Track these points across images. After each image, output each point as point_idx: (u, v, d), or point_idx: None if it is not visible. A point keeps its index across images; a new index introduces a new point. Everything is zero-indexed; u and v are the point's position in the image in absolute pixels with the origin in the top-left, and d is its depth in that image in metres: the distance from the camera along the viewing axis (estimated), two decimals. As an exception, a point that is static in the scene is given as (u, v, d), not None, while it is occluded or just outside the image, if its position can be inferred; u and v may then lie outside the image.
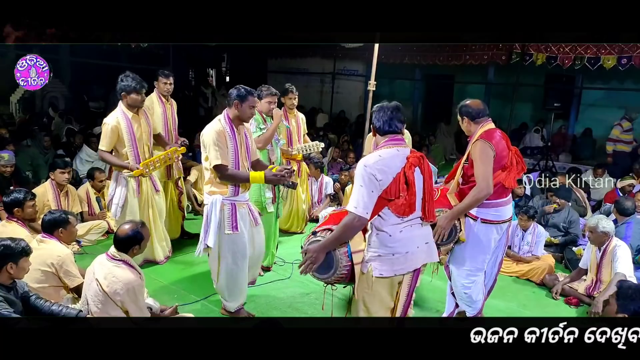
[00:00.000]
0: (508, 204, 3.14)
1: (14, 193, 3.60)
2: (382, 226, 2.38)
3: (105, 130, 3.90)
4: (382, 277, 2.39)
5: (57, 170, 4.66)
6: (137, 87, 3.90)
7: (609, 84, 9.39)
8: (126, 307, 2.75)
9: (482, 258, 3.16)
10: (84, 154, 6.73)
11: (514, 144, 3.23)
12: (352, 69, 12.68)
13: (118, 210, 4.01)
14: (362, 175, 2.32)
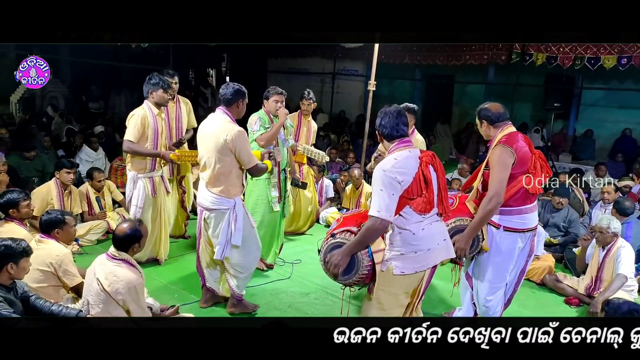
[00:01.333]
0: (533, 211, 3.02)
1: (7, 194, 3.56)
2: (405, 225, 2.42)
3: (134, 121, 3.93)
4: (403, 274, 2.43)
5: (64, 170, 4.67)
6: (164, 85, 4.03)
7: (609, 84, 9.40)
8: (127, 306, 2.75)
9: (505, 268, 3.06)
10: (84, 154, 6.73)
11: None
12: (352, 69, 12.69)
13: (138, 211, 4.06)
14: (381, 179, 2.36)
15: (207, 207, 3.27)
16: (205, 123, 3.27)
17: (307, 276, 4.26)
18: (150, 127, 3.99)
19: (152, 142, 4.03)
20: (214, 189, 3.20)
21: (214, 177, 3.18)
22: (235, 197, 3.25)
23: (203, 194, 3.28)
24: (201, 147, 3.26)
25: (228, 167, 3.17)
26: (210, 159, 3.17)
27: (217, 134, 3.11)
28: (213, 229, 3.29)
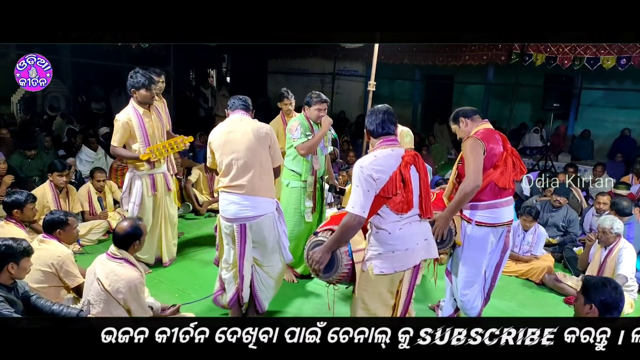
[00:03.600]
0: (505, 206, 3.05)
1: (15, 194, 3.59)
2: (382, 224, 2.43)
3: (117, 126, 3.92)
4: (383, 274, 2.43)
5: (55, 173, 4.67)
6: (146, 83, 3.91)
7: (608, 84, 9.41)
8: (128, 306, 2.76)
9: (478, 263, 3.11)
10: (84, 154, 6.75)
11: (513, 144, 3.23)
12: (352, 70, 12.69)
13: (135, 209, 4.02)
14: (358, 176, 2.39)
15: (251, 217, 3.02)
16: (229, 126, 3.11)
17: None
18: (137, 128, 3.91)
19: (143, 142, 3.95)
20: (259, 192, 3.01)
21: (258, 178, 2.99)
22: (275, 197, 3.16)
23: (241, 205, 3.01)
24: (230, 150, 3.02)
25: (268, 164, 3.07)
26: (250, 159, 2.98)
27: (256, 128, 3.05)
28: (262, 237, 3.09)
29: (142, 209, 4.04)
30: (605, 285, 2.23)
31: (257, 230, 3.08)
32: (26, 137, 7.09)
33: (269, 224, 3.10)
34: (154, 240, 4.21)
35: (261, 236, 3.10)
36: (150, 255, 4.22)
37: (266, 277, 3.26)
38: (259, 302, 3.29)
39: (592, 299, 2.21)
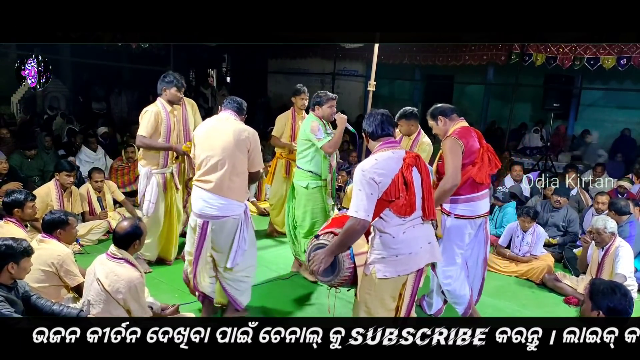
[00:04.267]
0: (482, 199, 3.22)
1: (14, 193, 3.60)
2: (385, 228, 2.41)
3: (147, 117, 3.96)
4: (386, 278, 2.41)
5: (63, 173, 4.67)
6: (178, 83, 4.05)
7: (608, 84, 9.41)
8: (128, 306, 2.76)
9: (455, 252, 3.24)
10: (83, 154, 6.74)
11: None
12: (352, 70, 12.70)
13: (151, 207, 4.06)
14: (360, 180, 2.36)
15: (215, 216, 3.03)
16: (214, 122, 3.15)
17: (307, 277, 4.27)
18: (164, 123, 4.01)
19: (165, 138, 4.04)
20: (227, 192, 3.01)
21: (228, 179, 2.99)
22: (245, 201, 3.16)
23: (207, 202, 3.03)
24: (208, 147, 3.04)
25: (243, 167, 3.06)
26: (224, 158, 2.99)
27: (237, 130, 3.03)
28: (223, 238, 3.09)
29: (157, 208, 4.08)
30: (614, 292, 2.16)
31: (217, 230, 3.07)
32: (26, 137, 7.09)
33: (231, 226, 3.07)
34: (162, 238, 4.24)
35: (220, 237, 3.09)
36: (152, 253, 4.24)
37: (231, 276, 3.21)
38: (232, 299, 3.26)
39: (599, 305, 2.16)
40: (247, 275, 3.29)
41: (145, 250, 4.16)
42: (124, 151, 6.29)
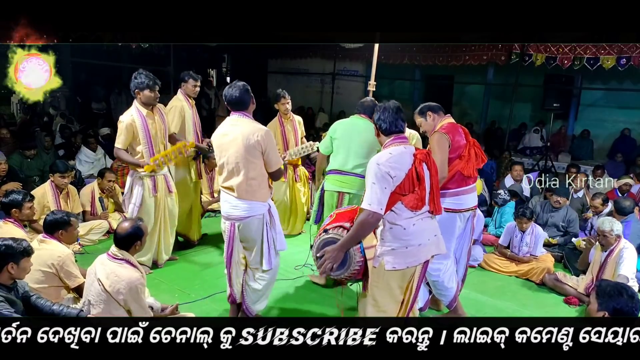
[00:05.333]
0: (469, 193, 3.30)
1: (12, 194, 3.59)
2: (396, 220, 2.44)
3: (121, 128, 3.89)
4: (395, 270, 2.45)
5: (57, 174, 4.66)
6: (150, 84, 3.89)
7: (608, 84, 9.41)
8: (129, 306, 2.75)
9: (446, 244, 3.19)
10: (83, 154, 6.74)
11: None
12: (352, 70, 12.70)
13: (135, 210, 4.00)
14: (374, 173, 2.38)
15: (239, 217, 3.03)
16: (225, 129, 3.07)
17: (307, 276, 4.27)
18: (140, 130, 3.89)
19: (146, 144, 3.93)
20: (246, 195, 3.00)
21: (246, 183, 2.98)
22: (268, 200, 3.12)
23: (231, 204, 3.04)
24: (225, 153, 3.02)
25: (260, 171, 3.01)
26: (239, 164, 2.96)
27: (247, 135, 2.94)
28: (250, 238, 3.09)
29: (142, 211, 4.02)
30: (621, 294, 2.15)
31: (244, 229, 3.07)
32: (26, 137, 7.09)
33: (257, 224, 3.06)
34: (154, 241, 4.19)
35: (248, 236, 3.09)
36: (149, 258, 4.20)
37: (253, 281, 3.22)
38: (245, 304, 3.27)
39: (606, 306, 2.16)
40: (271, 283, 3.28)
41: (140, 255, 4.07)
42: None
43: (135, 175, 4.03)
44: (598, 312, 2.19)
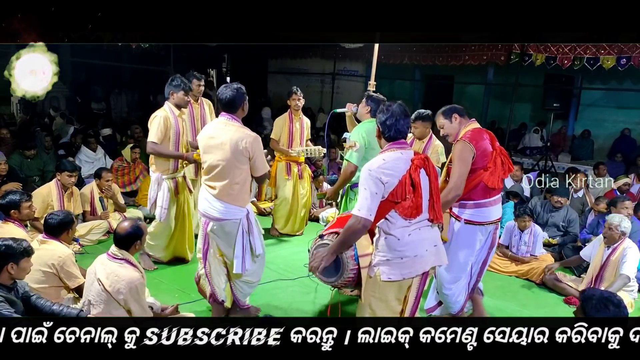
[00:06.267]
0: (494, 205, 3.09)
1: (9, 195, 3.57)
2: (390, 230, 2.37)
3: (157, 123, 3.92)
4: (390, 281, 2.38)
5: (65, 173, 4.66)
6: (185, 87, 4.05)
7: (608, 84, 9.41)
8: (129, 306, 2.75)
9: (465, 260, 3.12)
10: (83, 154, 6.74)
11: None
12: (352, 70, 12.70)
13: (163, 213, 4.04)
14: (366, 179, 2.32)
15: (215, 218, 3.04)
16: (212, 131, 3.06)
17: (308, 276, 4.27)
18: (172, 129, 3.98)
19: (175, 143, 4.02)
20: (226, 198, 3.00)
21: (229, 187, 2.99)
22: (247, 205, 3.12)
23: (211, 204, 3.04)
24: (211, 155, 3.02)
25: (244, 176, 3.01)
26: (224, 167, 2.97)
27: (235, 141, 2.93)
28: (224, 241, 3.10)
29: (170, 213, 4.09)
30: (607, 307, 2.15)
31: (217, 230, 3.08)
32: (26, 137, 7.08)
33: (230, 227, 3.05)
34: (174, 239, 4.26)
35: (221, 237, 3.10)
36: (163, 254, 4.27)
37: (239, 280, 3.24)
38: (234, 296, 3.31)
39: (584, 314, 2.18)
40: (254, 281, 3.31)
41: (156, 252, 4.21)
42: (131, 151, 6.27)
43: (160, 178, 4.06)
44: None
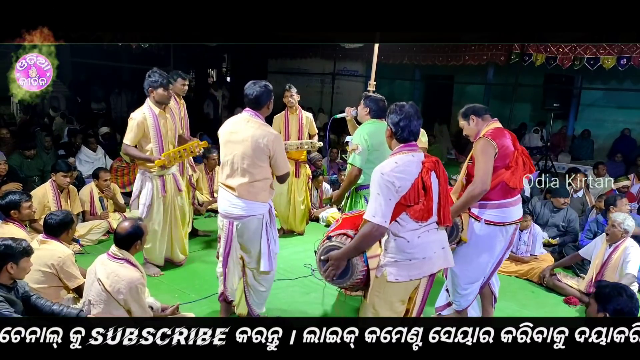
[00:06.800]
0: (514, 205, 3.03)
1: (9, 195, 3.58)
2: (400, 232, 2.36)
3: (131, 125, 3.88)
4: (397, 282, 2.38)
5: (60, 174, 4.66)
6: (164, 82, 3.91)
7: (608, 84, 9.42)
8: (129, 306, 2.75)
9: (485, 262, 3.08)
10: (83, 154, 6.74)
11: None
12: (352, 70, 12.71)
13: (145, 210, 3.99)
14: (378, 183, 2.30)
15: (238, 216, 3.00)
16: (233, 126, 3.04)
17: (308, 276, 4.27)
18: (151, 129, 3.89)
19: (156, 143, 3.92)
20: (247, 195, 2.97)
21: (249, 184, 2.95)
22: (269, 201, 3.09)
23: (231, 202, 3.01)
24: (231, 151, 2.99)
25: (265, 174, 2.98)
26: (244, 165, 2.94)
27: (255, 138, 2.90)
28: (249, 238, 3.07)
29: (152, 211, 4.02)
30: (621, 295, 2.17)
31: (242, 229, 3.04)
32: (26, 137, 7.09)
33: (256, 224, 3.04)
34: (164, 241, 4.19)
35: (247, 236, 3.07)
36: (157, 257, 4.19)
37: (254, 282, 3.20)
38: (248, 305, 3.27)
39: (606, 307, 2.17)
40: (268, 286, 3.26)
41: (150, 255, 4.14)
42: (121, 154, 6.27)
43: (145, 175, 4.02)
44: (598, 314, 2.20)
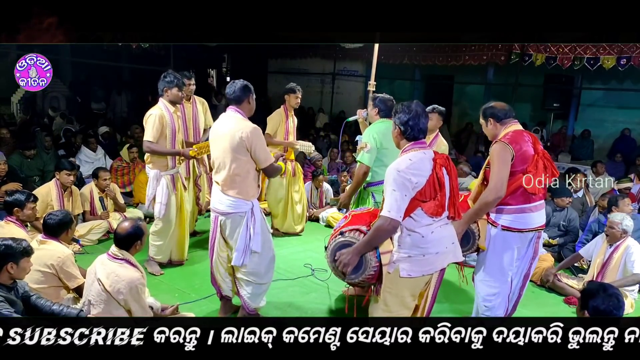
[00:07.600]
0: (534, 211, 2.91)
1: (16, 194, 3.62)
2: (415, 227, 2.39)
3: (152, 121, 3.92)
4: (410, 277, 2.40)
5: (64, 172, 4.67)
6: (179, 83, 4.04)
7: (608, 84, 9.42)
8: (129, 306, 2.75)
9: (503, 268, 2.96)
10: (83, 154, 6.74)
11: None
12: (352, 70, 12.71)
13: (162, 209, 4.05)
14: (394, 180, 2.33)
15: (222, 212, 3.11)
16: (218, 123, 3.19)
17: (308, 276, 4.27)
18: (168, 126, 3.98)
19: (171, 140, 4.02)
20: (230, 191, 3.06)
21: (230, 178, 3.05)
22: (253, 199, 3.13)
23: (218, 198, 3.13)
24: (215, 148, 3.13)
25: (244, 167, 3.05)
26: (225, 159, 3.04)
27: (232, 132, 3.00)
28: (230, 234, 3.14)
29: (169, 209, 4.08)
30: (598, 292, 2.18)
31: (224, 225, 3.15)
32: (26, 137, 7.09)
33: (238, 221, 3.10)
34: (174, 240, 4.23)
35: (229, 232, 3.14)
36: (164, 255, 4.24)
37: (242, 276, 3.23)
38: (241, 298, 3.29)
39: (586, 304, 2.20)
40: (258, 282, 3.26)
41: (157, 253, 4.17)
42: (128, 151, 6.28)
43: (159, 174, 4.06)
44: (580, 312, 2.24)
